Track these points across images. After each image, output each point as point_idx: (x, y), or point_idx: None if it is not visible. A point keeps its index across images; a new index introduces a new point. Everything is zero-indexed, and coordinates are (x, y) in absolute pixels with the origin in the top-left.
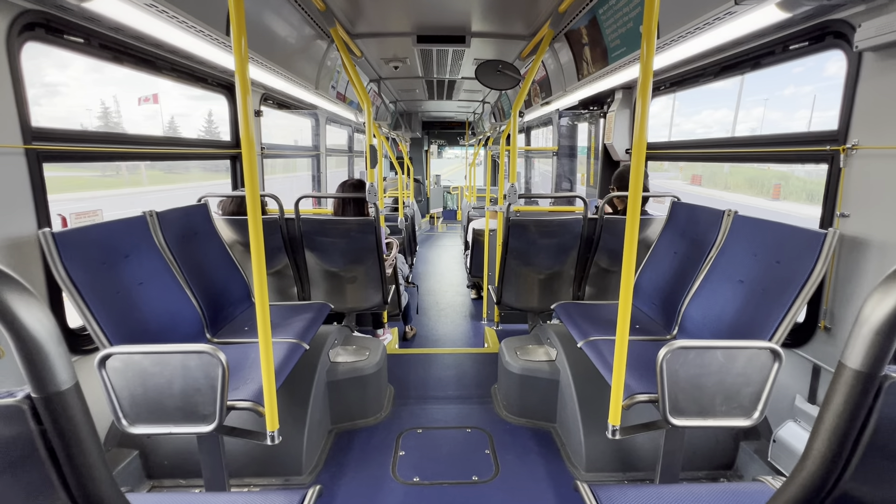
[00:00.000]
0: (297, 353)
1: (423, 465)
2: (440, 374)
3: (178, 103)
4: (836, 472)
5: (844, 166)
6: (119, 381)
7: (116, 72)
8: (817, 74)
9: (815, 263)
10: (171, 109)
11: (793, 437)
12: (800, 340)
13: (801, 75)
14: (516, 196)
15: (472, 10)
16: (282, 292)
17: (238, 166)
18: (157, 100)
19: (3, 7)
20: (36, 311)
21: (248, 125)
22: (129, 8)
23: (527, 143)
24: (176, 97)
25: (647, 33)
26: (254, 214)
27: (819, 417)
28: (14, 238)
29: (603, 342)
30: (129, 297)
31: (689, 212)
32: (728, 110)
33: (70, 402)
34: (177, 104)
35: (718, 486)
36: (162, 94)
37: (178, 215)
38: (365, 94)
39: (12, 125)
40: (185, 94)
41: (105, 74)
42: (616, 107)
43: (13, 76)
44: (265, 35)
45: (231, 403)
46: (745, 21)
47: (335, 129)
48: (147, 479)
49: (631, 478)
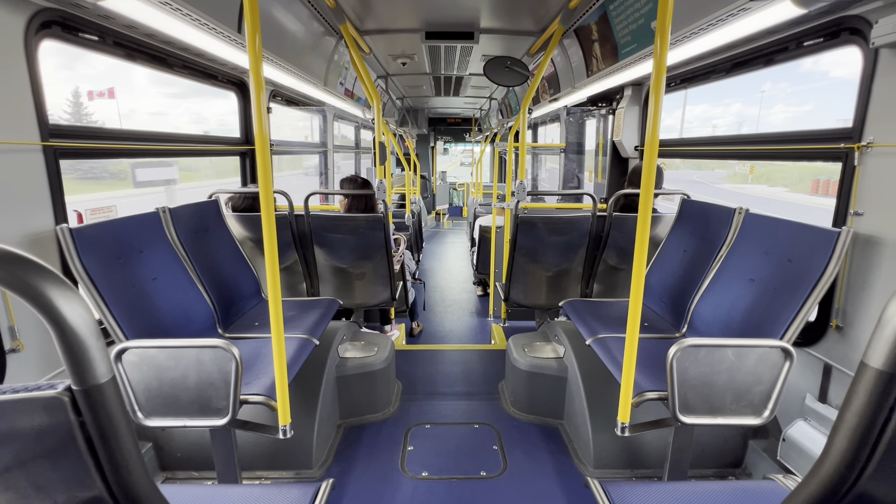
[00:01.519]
0: (308, 348)
1: (432, 460)
2: (447, 370)
3: (156, 101)
4: (855, 472)
5: (859, 164)
6: (135, 375)
7: (89, 69)
8: (810, 75)
9: (828, 262)
10: (147, 107)
11: (803, 436)
12: (811, 339)
13: (799, 75)
14: (525, 193)
15: (481, 7)
16: (291, 288)
17: (248, 163)
18: (113, 94)
19: (21, 6)
20: (77, 306)
21: (261, 122)
22: (143, 6)
23: (534, 140)
24: (153, 94)
25: (661, 30)
26: (267, 211)
27: (839, 416)
28: (33, 233)
29: (612, 339)
30: (144, 291)
31: (700, 209)
32: (709, 105)
33: (108, 395)
34: (154, 102)
35: (729, 484)
36: (138, 91)
37: (190, 211)
38: (374, 90)
39: (30, 122)
40: (163, 92)
41: (77, 72)
42: (625, 103)
43: (31, 74)
44: (276, 32)
45: (244, 397)
46: (758, 17)
47: (342, 124)
48: (160, 471)
49: (639, 475)
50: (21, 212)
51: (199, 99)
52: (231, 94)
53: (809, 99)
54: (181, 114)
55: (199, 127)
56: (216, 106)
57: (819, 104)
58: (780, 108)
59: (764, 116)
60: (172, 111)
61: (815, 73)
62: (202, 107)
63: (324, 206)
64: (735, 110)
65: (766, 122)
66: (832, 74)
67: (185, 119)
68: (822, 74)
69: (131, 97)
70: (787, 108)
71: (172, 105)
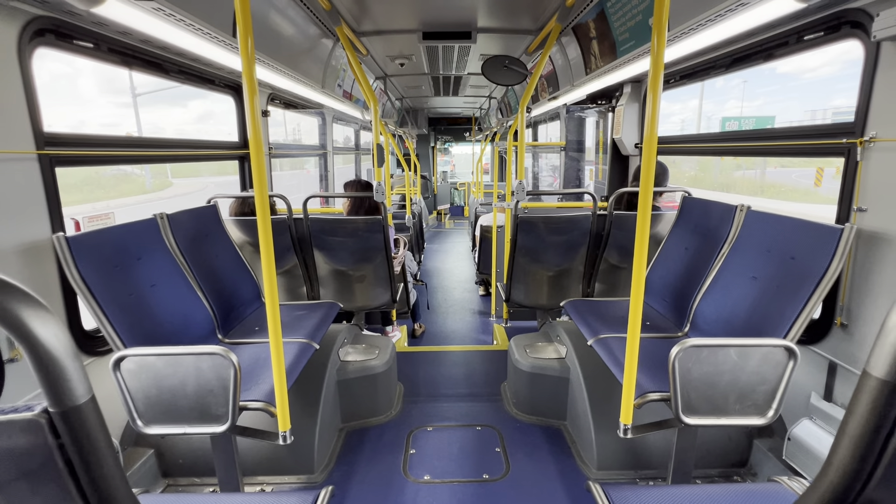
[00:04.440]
0: (308, 352)
1: (434, 464)
2: (449, 371)
3: (106, 112)
4: (860, 481)
5: (862, 159)
6: (133, 383)
7: (46, 74)
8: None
9: (832, 259)
10: (97, 118)
11: (808, 435)
12: (815, 337)
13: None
14: (524, 193)
15: (478, 6)
16: (291, 292)
17: (246, 166)
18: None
19: (14, 14)
20: (52, 327)
21: (256, 127)
22: (136, 12)
23: (534, 139)
24: (103, 105)
25: (658, 26)
26: (263, 215)
27: (842, 426)
28: (30, 243)
29: (613, 340)
30: (142, 298)
31: (701, 207)
32: (667, 102)
33: (86, 416)
34: (104, 112)
35: (733, 487)
36: (84, 101)
37: (188, 217)
38: (371, 92)
39: (25, 131)
40: (114, 102)
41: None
42: (625, 101)
43: (25, 82)
44: (271, 35)
45: (243, 404)
46: (757, 12)
47: (341, 126)
48: (162, 478)
49: (642, 476)
50: (17, 221)
51: (153, 108)
52: (219, 97)
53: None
54: (133, 125)
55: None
56: (173, 115)
57: (769, 100)
58: (733, 104)
59: (718, 112)
60: (125, 122)
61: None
62: (157, 116)
63: (325, 209)
64: (692, 106)
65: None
66: (780, 70)
67: (135, 130)
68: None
69: (80, 109)
70: (739, 102)
71: (124, 115)
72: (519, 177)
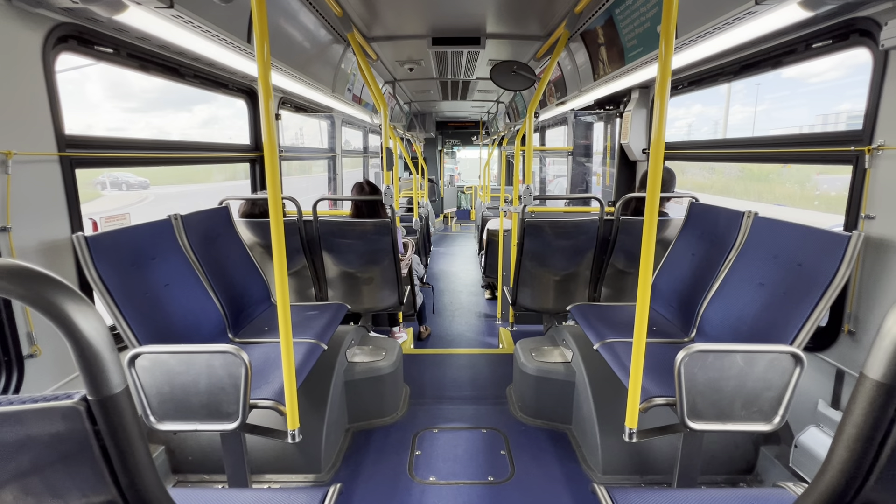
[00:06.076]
0: (316, 353)
1: (440, 465)
2: (455, 374)
3: (112, 116)
4: (857, 482)
5: (870, 167)
6: (147, 380)
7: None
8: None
9: (839, 266)
10: (104, 123)
11: (815, 443)
12: (823, 344)
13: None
14: (531, 197)
15: (487, 12)
16: (300, 293)
17: (258, 169)
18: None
19: (39, 21)
20: (93, 321)
21: (270, 130)
22: (156, 19)
23: (541, 143)
24: (109, 109)
25: (666, 34)
26: (276, 217)
27: (840, 427)
28: (50, 241)
29: (619, 344)
30: (156, 297)
31: (708, 213)
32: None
33: (122, 404)
34: (110, 117)
35: (738, 492)
36: (91, 106)
37: (201, 218)
38: (381, 96)
39: (48, 133)
40: (120, 107)
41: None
42: (632, 106)
43: (48, 86)
44: (284, 41)
45: (253, 402)
46: (765, 21)
47: (349, 129)
48: (172, 474)
49: (648, 481)
50: (39, 221)
51: (160, 113)
52: (225, 102)
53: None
54: (142, 129)
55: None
56: (179, 120)
57: (773, 104)
58: (738, 108)
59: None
60: (132, 126)
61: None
62: (164, 121)
63: (334, 212)
64: (696, 111)
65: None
66: (784, 75)
67: (144, 135)
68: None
69: (86, 114)
70: (744, 107)
71: (131, 120)
72: (527, 181)
